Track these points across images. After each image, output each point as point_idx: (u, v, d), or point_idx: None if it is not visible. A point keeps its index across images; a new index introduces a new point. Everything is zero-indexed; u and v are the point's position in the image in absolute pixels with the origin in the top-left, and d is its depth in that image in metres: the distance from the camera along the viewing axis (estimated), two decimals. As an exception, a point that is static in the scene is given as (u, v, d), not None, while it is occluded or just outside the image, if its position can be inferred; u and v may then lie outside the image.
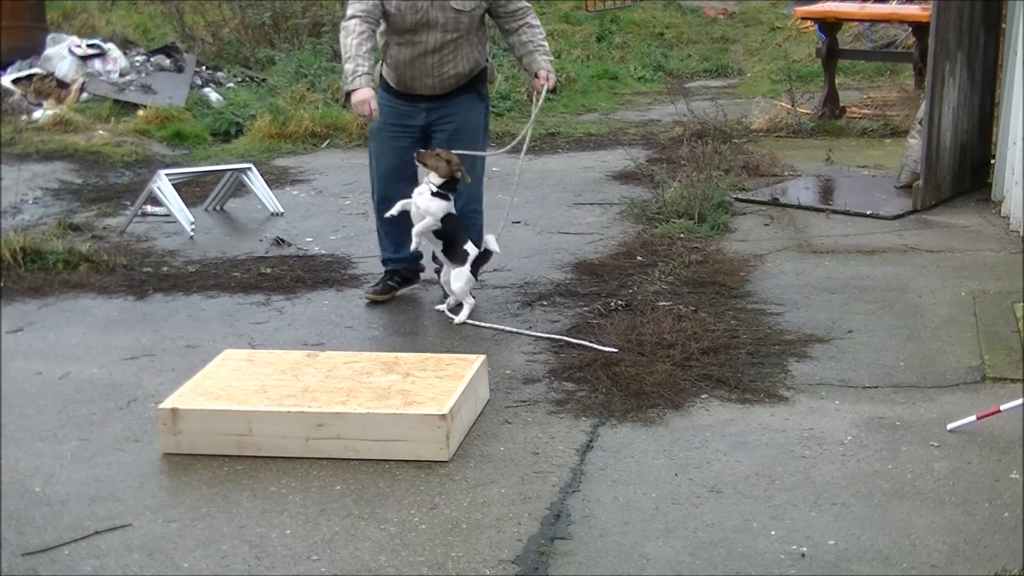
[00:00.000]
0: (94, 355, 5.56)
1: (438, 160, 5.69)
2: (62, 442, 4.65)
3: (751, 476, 4.26)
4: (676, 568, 3.68)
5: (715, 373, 5.13)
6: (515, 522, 3.97)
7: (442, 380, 4.69)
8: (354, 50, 5.62)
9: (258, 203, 8.11)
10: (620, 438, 4.59)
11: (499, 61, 12.44)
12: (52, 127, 10.17)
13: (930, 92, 7.56)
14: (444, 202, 5.74)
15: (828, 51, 10.66)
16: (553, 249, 7.06)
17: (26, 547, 3.87)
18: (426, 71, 5.79)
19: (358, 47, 5.62)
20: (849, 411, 4.79)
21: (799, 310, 5.94)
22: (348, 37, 5.65)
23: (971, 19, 7.78)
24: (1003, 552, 3.72)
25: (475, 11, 5.75)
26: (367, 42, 5.65)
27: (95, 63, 11.51)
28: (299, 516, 4.05)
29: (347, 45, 5.65)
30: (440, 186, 5.71)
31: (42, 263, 6.76)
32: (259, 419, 4.48)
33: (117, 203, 8.37)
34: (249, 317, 6.05)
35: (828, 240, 7.13)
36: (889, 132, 10.06)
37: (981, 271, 6.46)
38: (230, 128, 10.60)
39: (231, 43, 13.08)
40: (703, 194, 7.57)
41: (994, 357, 5.26)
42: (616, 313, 5.83)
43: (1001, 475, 4.22)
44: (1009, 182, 7.38)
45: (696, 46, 15.09)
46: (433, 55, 5.75)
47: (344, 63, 5.70)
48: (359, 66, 5.62)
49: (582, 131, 10.70)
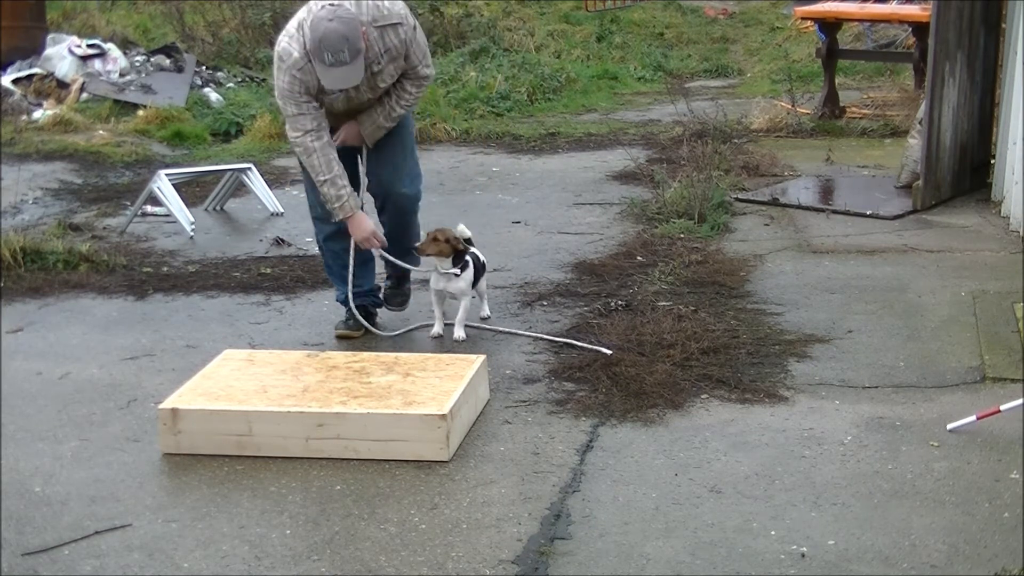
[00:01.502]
0: (94, 355, 5.56)
1: (437, 245, 5.51)
2: (62, 442, 4.65)
3: (751, 476, 4.26)
4: (676, 568, 3.68)
5: (715, 373, 5.13)
6: (515, 522, 3.97)
7: (442, 380, 4.69)
8: (327, 170, 5.24)
9: (258, 203, 8.11)
10: (620, 438, 4.59)
11: (498, 61, 12.46)
12: (52, 127, 10.17)
13: (930, 92, 7.56)
14: (468, 275, 5.59)
15: (828, 51, 10.66)
16: (553, 249, 7.06)
17: (26, 547, 3.87)
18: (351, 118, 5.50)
19: (329, 165, 5.25)
20: (849, 411, 4.79)
21: (799, 310, 5.94)
22: (311, 156, 5.23)
23: (971, 19, 7.78)
24: (1003, 552, 3.72)
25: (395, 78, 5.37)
26: (331, 152, 5.26)
27: (95, 63, 11.51)
28: (299, 516, 4.05)
29: (316, 166, 5.25)
30: (457, 263, 5.56)
31: (42, 263, 6.76)
32: (259, 419, 4.48)
33: (117, 203, 8.38)
34: (249, 317, 6.05)
35: (828, 240, 7.13)
36: (889, 132, 10.06)
37: (981, 271, 6.46)
38: (230, 128, 10.60)
39: (231, 43, 13.08)
40: (703, 194, 7.57)
41: (994, 357, 5.26)
42: (616, 313, 5.83)
43: (1001, 475, 4.22)
44: (1009, 182, 7.38)
45: (696, 46, 15.09)
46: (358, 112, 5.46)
47: (321, 186, 5.28)
48: (342, 189, 5.28)
49: (582, 131, 10.70)
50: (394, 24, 5.21)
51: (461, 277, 5.58)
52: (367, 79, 5.23)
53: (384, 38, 5.19)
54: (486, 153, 9.88)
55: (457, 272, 5.56)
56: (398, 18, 5.22)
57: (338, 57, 4.97)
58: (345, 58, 4.98)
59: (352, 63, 5.01)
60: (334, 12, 5.00)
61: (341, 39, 4.95)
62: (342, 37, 4.95)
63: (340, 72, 5.03)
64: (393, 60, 5.27)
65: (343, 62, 4.99)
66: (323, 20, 4.98)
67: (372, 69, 5.23)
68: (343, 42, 4.95)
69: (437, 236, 5.54)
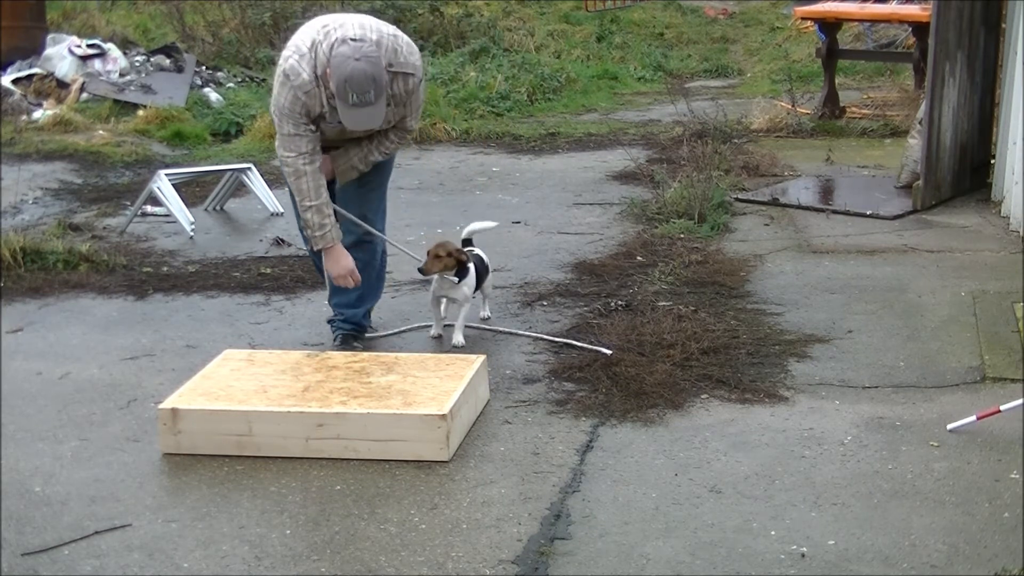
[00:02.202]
0: (94, 355, 5.56)
1: (441, 262, 5.44)
2: (62, 442, 4.65)
3: (751, 476, 4.26)
4: (676, 568, 3.68)
5: (715, 373, 5.13)
6: (515, 522, 3.97)
7: (442, 380, 4.69)
8: (314, 196, 5.09)
9: (258, 203, 8.11)
10: (620, 438, 4.59)
11: (498, 61, 12.47)
12: (52, 127, 10.17)
13: (930, 92, 7.56)
14: (470, 281, 5.54)
15: (828, 51, 10.66)
16: (553, 249, 7.06)
17: (26, 547, 3.87)
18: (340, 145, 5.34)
19: (317, 191, 5.09)
20: (849, 411, 4.79)
21: (799, 310, 5.94)
22: (301, 179, 5.08)
23: (971, 19, 7.78)
24: (1003, 552, 3.72)
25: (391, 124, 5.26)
26: (321, 180, 5.12)
27: (95, 63, 11.51)
28: (299, 516, 4.05)
29: (304, 190, 5.10)
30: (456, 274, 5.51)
31: (42, 263, 6.76)
32: (259, 419, 4.48)
33: (117, 203, 8.37)
34: (249, 317, 6.05)
35: (828, 240, 7.13)
36: (889, 132, 10.06)
37: (981, 271, 6.46)
38: (230, 128, 10.60)
39: (231, 43, 13.08)
40: (703, 194, 7.57)
41: (994, 357, 5.26)
42: (616, 313, 5.83)
43: (1001, 475, 4.22)
44: (1009, 182, 7.38)
45: (696, 46, 15.09)
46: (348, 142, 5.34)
47: (305, 211, 5.12)
48: (326, 218, 5.13)
49: (582, 131, 10.70)
50: (407, 74, 5.09)
51: (464, 283, 5.53)
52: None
53: (394, 83, 5.06)
54: (486, 153, 9.88)
55: (455, 280, 5.51)
56: (412, 69, 5.10)
57: (364, 98, 4.84)
58: (371, 99, 4.85)
59: (376, 103, 4.89)
60: (360, 50, 4.85)
61: (368, 80, 4.81)
62: (369, 78, 4.81)
63: (364, 112, 4.90)
64: (395, 107, 5.16)
65: (368, 103, 4.86)
66: (349, 59, 4.83)
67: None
68: (370, 83, 4.82)
69: (439, 253, 5.45)
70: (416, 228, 7.41)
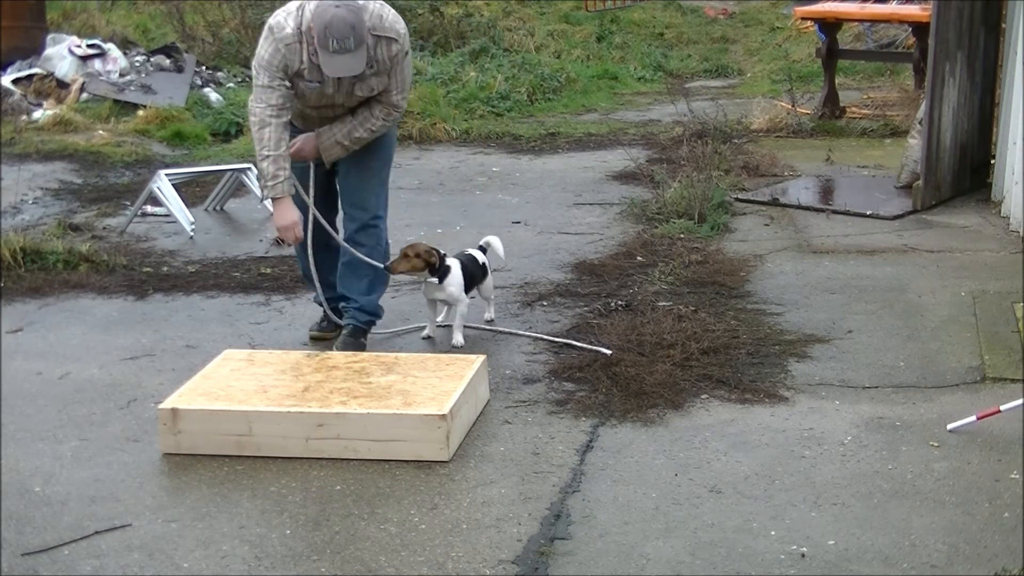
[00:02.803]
0: (94, 355, 5.56)
1: (408, 262, 5.43)
2: (62, 442, 4.65)
3: (751, 476, 4.26)
4: (676, 568, 3.68)
5: (715, 373, 5.13)
6: (515, 522, 3.97)
7: (442, 380, 4.69)
8: (273, 147, 5.14)
9: (258, 203, 8.10)
10: (620, 438, 4.59)
11: (498, 61, 12.47)
12: (52, 127, 10.17)
13: (930, 92, 7.56)
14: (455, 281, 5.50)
15: (828, 51, 10.67)
16: (553, 249, 7.07)
17: (26, 547, 3.87)
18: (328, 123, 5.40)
19: (277, 144, 5.14)
20: (849, 411, 4.79)
21: (799, 310, 5.94)
22: (264, 129, 5.13)
23: (971, 19, 7.78)
24: (1003, 552, 3.72)
25: (373, 92, 5.29)
26: (285, 134, 5.17)
27: (95, 63, 11.51)
28: (299, 516, 4.05)
29: (264, 139, 5.14)
30: (435, 274, 5.48)
31: (42, 263, 6.76)
32: (259, 419, 4.48)
33: (117, 203, 8.38)
34: (249, 317, 6.05)
35: (828, 240, 7.13)
36: (889, 132, 10.06)
37: (981, 271, 6.46)
38: (230, 128, 10.60)
39: (231, 43, 13.08)
40: (703, 194, 7.57)
41: (994, 357, 5.26)
42: (616, 313, 5.83)
43: (1001, 475, 4.22)
44: (1009, 182, 7.38)
45: (696, 46, 15.09)
46: (335, 118, 5.37)
47: (262, 160, 5.17)
48: (280, 169, 5.16)
49: (582, 131, 10.70)
50: (390, 38, 5.17)
51: (449, 283, 5.50)
52: (348, 79, 5.17)
53: (377, 48, 5.15)
54: (486, 153, 9.88)
55: (435, 280, 5.49)
56: (395, 35, 5.19)
57: (343, 44, 4.96)
58: (350, 46, 4.97)
59: (356, 52, 5.00)
60: (342, 2, 5.00)
61: (348, 27, 4.94)
62: (349, 25, 4.94)
63: (343, 60, 5.01)
64: (377, 74, 5.22)
65: (347, 49, 4.97)
66: (330, 7, 4.97)
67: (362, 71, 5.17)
68: (349, 30, 4.95)
69: (407, 253, 5.45)
70: (416, 228, 7.41)
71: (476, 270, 5.70)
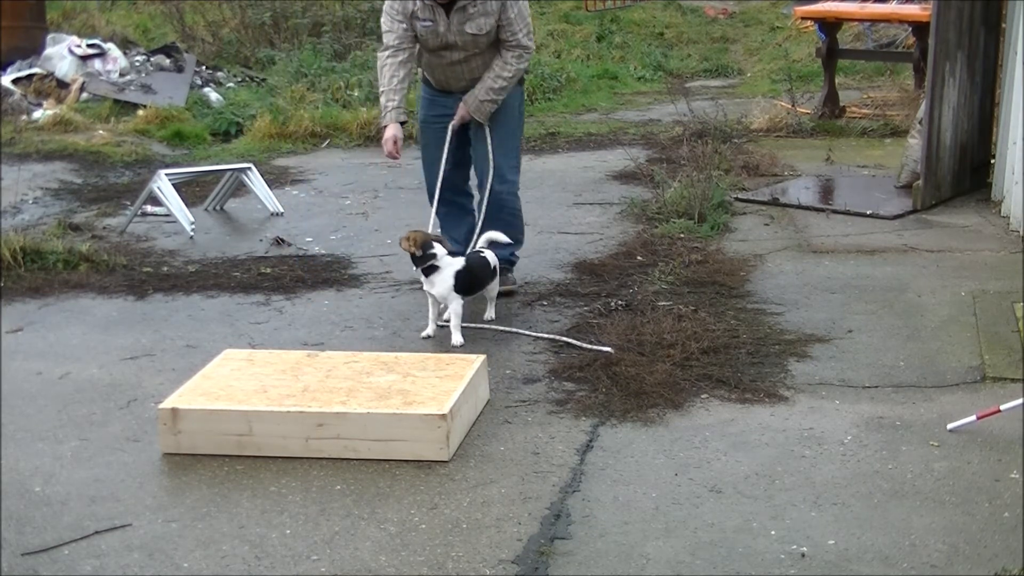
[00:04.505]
0: (94, 355, 5.56)
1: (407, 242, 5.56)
2: (62, 442, 4.65)
3: (751, 476, 4.26)
4: (676, 568, 3.68)
5: (715, 373, 5.13)
6: (515, 522, 3.97)
7: (442, 380, 4.69)
8: (387, 83, 5.90)
9: (258, 203, 8.11)
10: (620, 438, 4.59)
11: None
12: (52, 127, 10.18)
13: (930, 92, 7.56)
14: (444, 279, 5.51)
15: (828, 51, 10.66)
16: (553, 249, 7.07)
17: (26, 547, 3.88)
18: (457, 76, 5.97)
19: (390, 80, 5.89)
20: (849, 411, 4.79)
21: (799, 310, 5.94)
22: (382, 69, 5.91)
23: (971, 19, 7.78)
24: (1003, 552, 3.72)
25: (489, 33, 5.81)
26: (399, 72, 5.87)
27: (95, 63, 11.52)
28: (299, 516, 4.05)
29: (381, 77, 5.92)
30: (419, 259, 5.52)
31: (42, 263, 6.76)
32: (259, 419, 4.48)
33: (117, 203, 8.38)
34: (249, 317, 6.05)
35: (828, 240, 7.13)
36: (889, 132, 10.06)
37: (981, 271, 6.46)
38: (230, 128, 10.61)
39: (231, 43, 13.09)
40: (703, 194, 7.57)
41: (994, 357, 5.26)
42: (616, 313, 5.83)
43: (1001, 475, 4.22)
44: (1009, 182, 7.38)
45: (696, 46, 15.08)
46: (460, 65, 5.91)
47: (380, 96, 5.97)
48: (389, 100, 5.91)
49: (582, 131, 10.70)
50: None
51: (438, 280, 5.52)
52: (456, 16, 5.68)
53: None
54: (486, 153, 9.87)
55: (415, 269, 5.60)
56: None
57: None
58: None
59: None
60: None
61: None
62: None
63: None
64: (486, 15, 5.71)
65: None
66: None
67: (465, 7, 5.68)
68: None
69: (407, 235, 5.60)
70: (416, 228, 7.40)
71: (483, 272, 5.71)
